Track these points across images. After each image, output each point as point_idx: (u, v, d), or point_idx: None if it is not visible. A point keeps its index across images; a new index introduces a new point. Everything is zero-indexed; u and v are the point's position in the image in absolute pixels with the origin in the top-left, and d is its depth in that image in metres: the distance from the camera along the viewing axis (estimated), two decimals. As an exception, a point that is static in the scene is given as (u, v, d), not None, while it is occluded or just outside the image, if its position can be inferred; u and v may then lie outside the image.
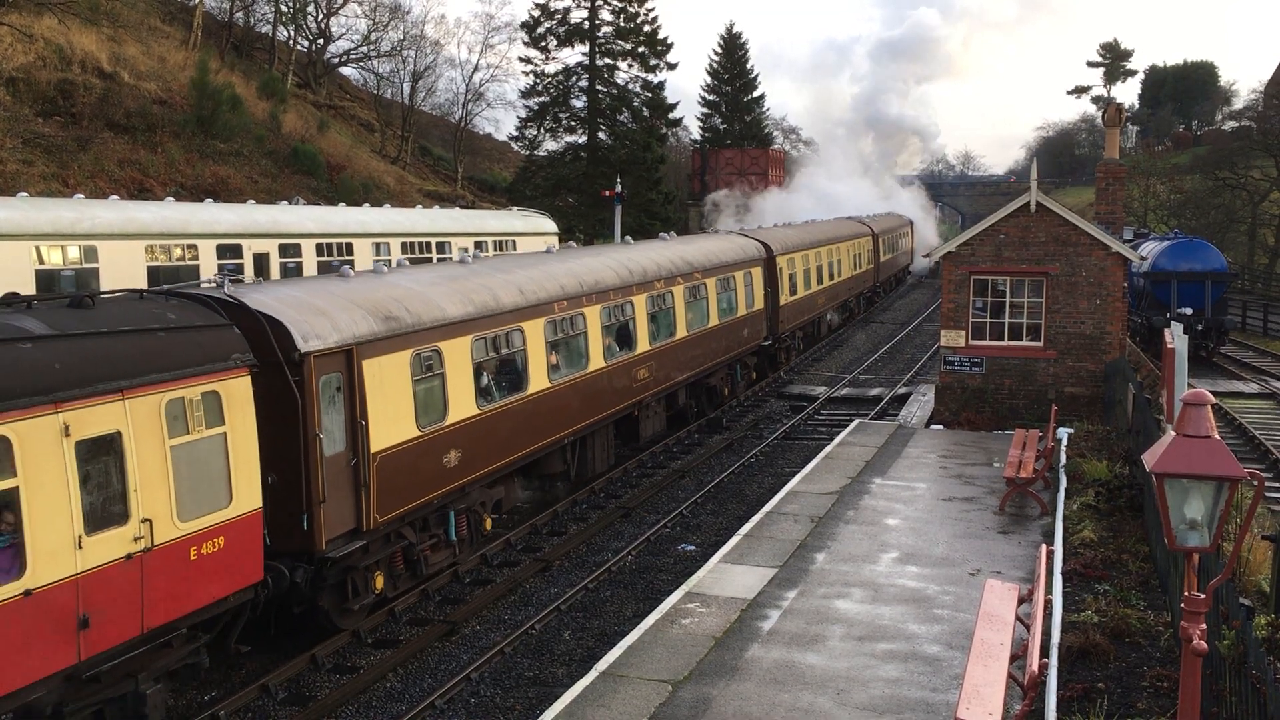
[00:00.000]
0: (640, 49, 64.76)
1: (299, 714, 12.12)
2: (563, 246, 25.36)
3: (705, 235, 32.77)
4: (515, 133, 67.79)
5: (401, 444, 14.05)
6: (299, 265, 26.08)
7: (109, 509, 9.90)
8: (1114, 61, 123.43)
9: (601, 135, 64.75)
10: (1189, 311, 32.48)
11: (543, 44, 64.34)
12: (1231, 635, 8.65)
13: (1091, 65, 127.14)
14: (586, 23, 63.88)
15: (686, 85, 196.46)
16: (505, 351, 16.89)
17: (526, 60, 64.75)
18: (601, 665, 11.65)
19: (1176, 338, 16.32)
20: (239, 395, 11.40)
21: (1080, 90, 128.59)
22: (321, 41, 66.79)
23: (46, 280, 19.61)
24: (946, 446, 22.25)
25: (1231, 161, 60.00)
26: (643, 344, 22.10)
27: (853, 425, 24.58)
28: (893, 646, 11.96)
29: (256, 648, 13.14)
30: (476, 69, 70.67)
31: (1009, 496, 17.53)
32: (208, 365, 11.04)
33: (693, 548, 17.86)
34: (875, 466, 20.44)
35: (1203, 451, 6.10)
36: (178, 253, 22.89)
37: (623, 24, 64.26)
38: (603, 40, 64.28)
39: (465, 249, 33.02)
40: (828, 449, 22.00)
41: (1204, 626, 6.40)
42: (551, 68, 64.85)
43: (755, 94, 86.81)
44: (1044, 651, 10.32)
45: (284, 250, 25.95)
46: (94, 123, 39.07)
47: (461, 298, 16.00)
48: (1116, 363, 22.74)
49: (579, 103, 64.97)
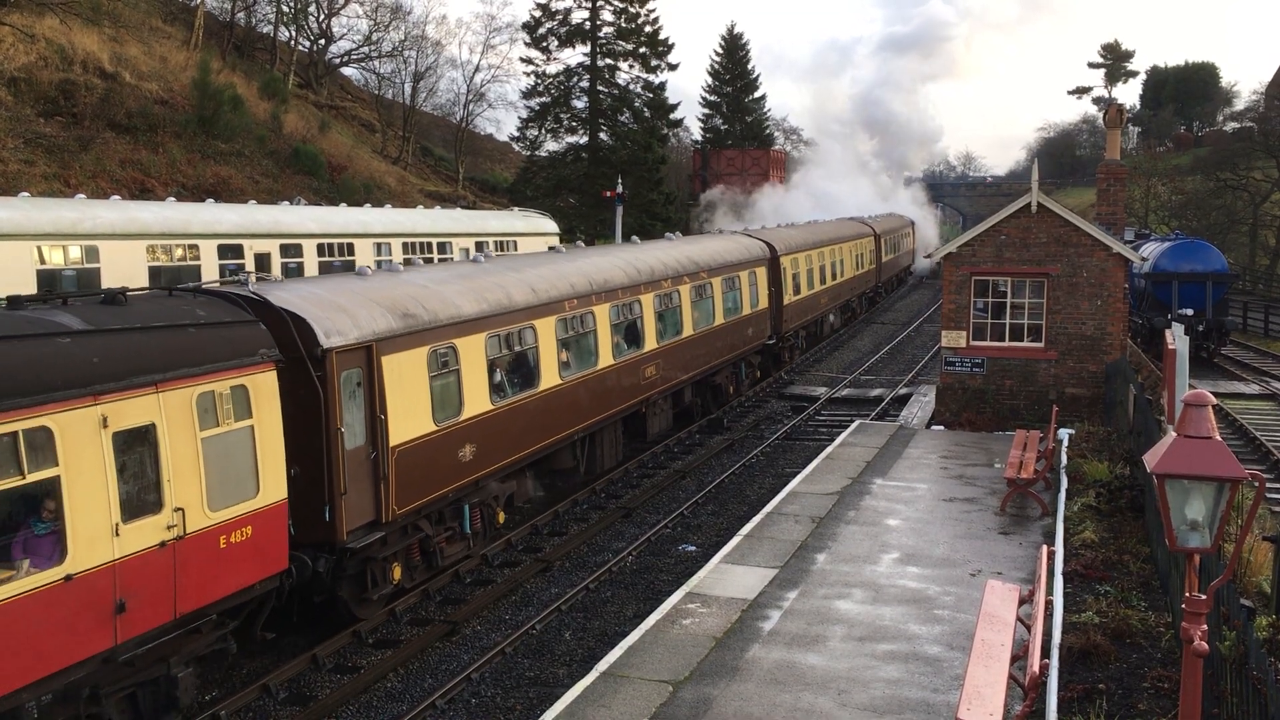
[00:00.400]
0: (641, 49, 64.75)
1: (300, 714, 12.12)
2: (570, 246, 25.52)
3: (710, 235, 33.01)
4: (516, 133, 67.85)
5: (419, 438, 14.35)
6: (300, 265, 26.09)
7: (144, 498, 10.23)
8: (1115, 62, 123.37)
9: (603, 136, 64.75)
10: (1190, 312, 32.46)
11: (544, 44, 64.36)
12: (1232, 636, 8.65)
13: (1092, 66, 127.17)
14: (588, 23, 63.89)
15: (687, 86, 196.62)
16: (518, 348, 17.22)
17: (528, 61, 64.76)
18: (602, 665, 11.65)
19: (1177, 339, 16.32)
20: (266, 389, 11.72)
21: (1081, 91, 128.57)
22: (323, 42, 66.86)
23: (48, 280, 19.62)
24: (947, 447, 22.25)
25: (1233, 162, 59.98)
26: (650, 342, 22.40)
27: (854, 426, 24.58)
28: (893, 647, 11.96)
29: (281, 635, 13.38)
30: (478, 69, 70.70)
31: (1010, 497, 17.52)
32: (236, 360, 11.36)
33: (693, 548, 17.86)
34: (876, 467, 20.44)
35: (1204, 452, 6.10)
36: (179, 253, 22.90)
37: (624, 24, 64.26)
38: (604, 41, 64.28)
39: (466, 249, 33.04)
40: (828, 449, 22.00)
41: (1205, 627, 6.40)
42: (553, 68, 64.91)
43: (756, 94, 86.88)
44: (1045, 652, 10.31)
45: (285, 250, 25.97)
46: (95, 123, 39.10)
47: (476, 296, 16.30)
48: (1117, 364, 22.73)
49: (580, 103, 64.99)
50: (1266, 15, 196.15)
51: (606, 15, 64.11)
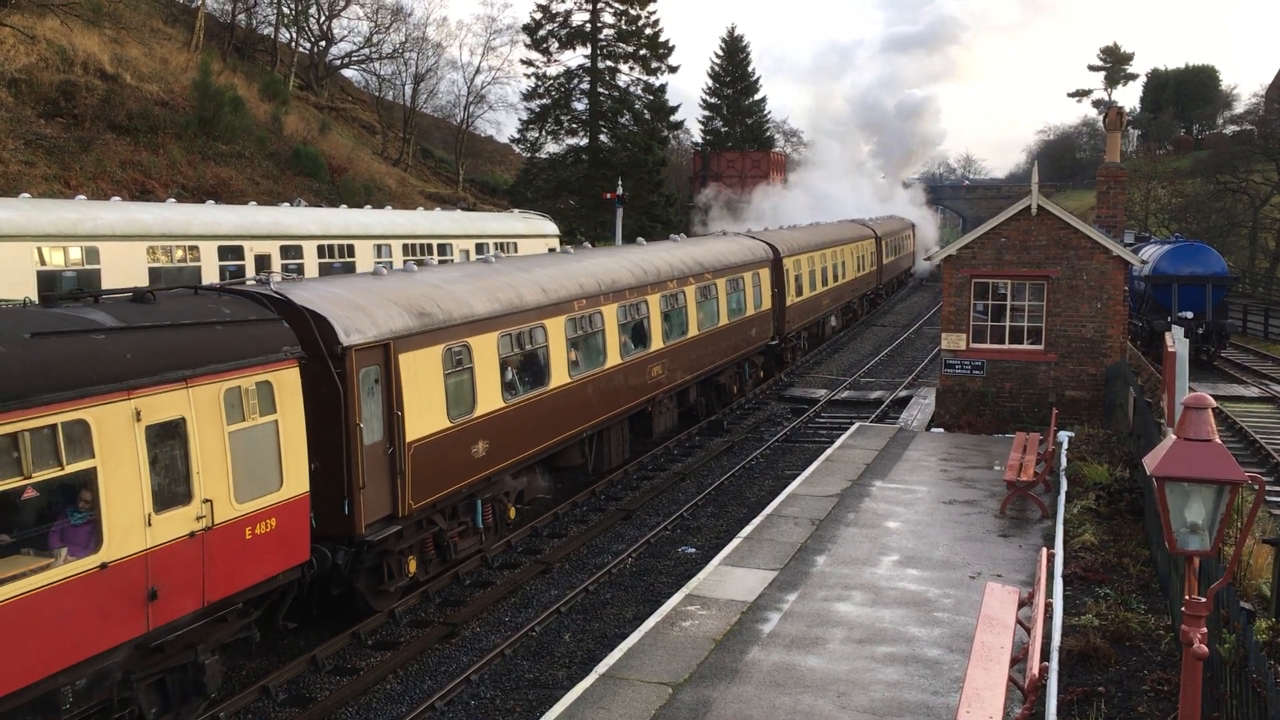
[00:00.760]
0: (642, 52, 64.79)
1: (299, 715, 12.12)
2: (578, 248, 25.74)
3: (714, 237, 33.27)
4: (517, 135, 67.85)
5: (434, 434, 14.65)
6: (300, 267, 26.10)
7: (174, 489, 10.55)
8: (1115, 65, 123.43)
9: (603, 138, 64.77)
10: (1190, 315, 32.47)
11: (544, 46, 64.41)
12: (1232, 639, 8.65)
13: (1092, 69, 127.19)
14: (588, 25, 63.93)
15: (688, 88, 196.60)
16: (529, 347, 17.57)
17: (528, 63, 64.82)
18: (601, 668, 11.64)
19: (1177, 341, 16.32)
20: (289, 385, 12.05)
21: (1081, 94, 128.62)
22: (323, 43, 66.89)
23: (48, 281, 19.62)
24: (947, 449, 22.25)
25: (1232, 165, 60.02)
26: (656, 342, 22.71)
27: (853, 428, 24.58)
28: (893, 649, 11.96)
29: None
30: (478, 71, 70.71)
31: (1009, 500, 17.52)
32: (261, 357, 11.68)
33: (693, 550, 17.86)
34: (876, 469, 20.44)
35: (1203, 455, 6.10)
36: (179, 254, 22.91)
37: (624, 27, 64.30)
38: (604, 43, 64.32)
39: (466, 251, 33.06)
40: (828, 452, 22.00)
41: (1204, 630, 6.40)
42: (553, 70, 64.97)
43: (756, 97, 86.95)
44: (1044, 655, 10.31)
45: (285, 252, 25.98)
46: (96, 124, 39.11)
47: (488, 295, 16.60)
48: (1117, 366, 22.73)
49: (580, 105, 65.03)
50: (1266, 18, 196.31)
51: (607, 17, 64.18)
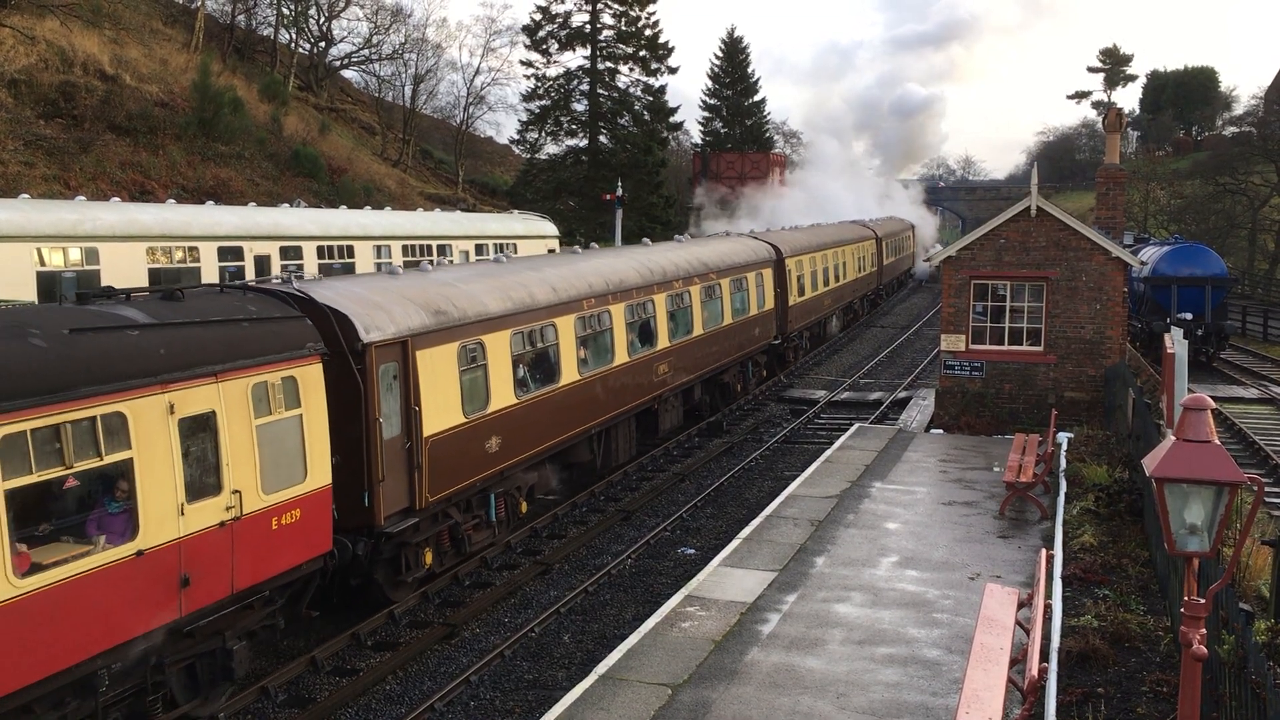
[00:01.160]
0: (641, 53, 64.81)
1: (298, 716, 12.12)
2: (586, 248, 26.11)
3: (718, 238, 33.62)
4: (516, 136, 67.86)
5: (450, 429, 15.02)
6: (300, 268, 26.10)
7: (205, 480, 10.92)
8: (1114, 66, 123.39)
9: (602, 139, 64.78)
10: (1189, 316, 32.48)
11: (544, 47, 64.42)
12: (1231, 640, 8.65)
13: (1092, 70, 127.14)
14: (588, 26, 63.95)
15: (688, 89, 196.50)
16: (540, 345, 17.94)
17: (528, 64, 64.86)
18: (601, 668, 11.64)
19: (1176, 343, 16.31)
20: (312, 381, 12.41)
21: (1081, 95, 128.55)
22: (323, 44, 66.90)
23: (48, 282, 19.63)
24: (946, 451, 22.25)
25: (1232, 167, 60.02)
26: (663, 341, 23.02)
27: (853, 429, 24.58)
28: (892, 650, 11.96)
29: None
30: (478, 72, 70.76)
31: (1009, 501, 17.52)
32: (286, 353, 12.06)
33: (692, 551, 17.86)
34: (875, 470, 20.44)
35: (1203, 456, 6.11)
36: (179, 255, 22.91)
37: (624, 28, 64.32)
38: (604, 44, 64.33)
39: (465, 252, 33.07)
40: (828, 453, 21.99)
41: (1204, 631, 6.40)
42: (553, 71, 64.98)
43: (756, 98, 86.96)
44: (1044, 656, 10.32)
45: (285, 253, 25.98)
46: (96, 125, 39.11)
47: (501, 294, 16.96)
48: (1116, 367, 22.74)
49: (580, 106, 65.04)
50: (1266, 19, 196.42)
51: (607, 18, 64.21)
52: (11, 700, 9.00)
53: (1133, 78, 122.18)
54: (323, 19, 65.15)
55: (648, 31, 64.87)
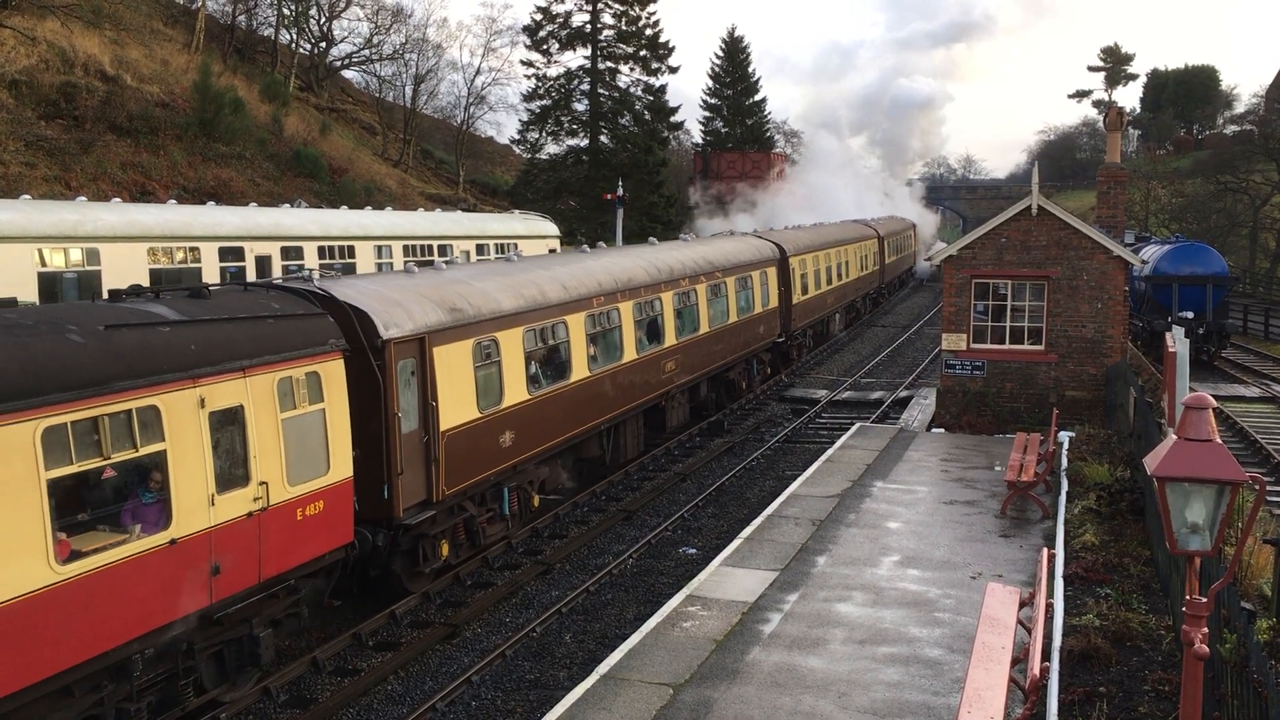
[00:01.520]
0: (642, 52, 64.77)
1: (300, 716, 12.12)
2: (594, 247, 26.43)
3: (723, 237, 34.08)
4: (517, 136, 67.82)
5: (465, 424, 15.38)
6: (301, 268, 26.09)
7: (234, 472, 11.25)
8: (1115, 65, 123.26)
9: (603, 139, 64.74)
10: (1190, 315, 32.47)
11: (544, 47, 64.39)
12: (1233, 639, 8.65)
13: (1093, 69, 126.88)
14: (588, 26, 63.91)
15: (688, 88, 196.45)
16: (551, 342, 18.28)
17: (528, 63, 64.79)
18: (602, 668, 11.64)
19: (1178, 341, 16.31)
20: (335, 376, 12.77)
21: (1081, 94, 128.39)
22: (324, 45, 66.87)
23: (49, 283, 19.64)
24: (948, 450, 22.24)
25: (1233, 165, 60.00)
26: (670, 338, 23.37)
27: (854, 429, 24.58)
28: (894, 650, 11.96)
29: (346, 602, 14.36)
30: (478, 72, 70.70)
31: (1010, 500, 17.52)
32: (309, 349, 12.41)
33: (694, 551, 17.86)
34: (876, 470, 20.44)
35: (1204, 455, 6.10)
36: (180, 255, 22.92)
37: (624, 27, 64.28)
38: (604, 43, 64.30)
39: (466, 252, 33.07)
40: (829, 452, 21.99)
41: (1205, 630, 6.39)
42: (553, 71, 64.93)
43: (757, 97, 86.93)
44: (1045, 655, 10.32)
45: (286, 253, 25.99)
46: (96, 125, 39.11)
47: (514, 292, 17.30)
48: (1118, 366, 22.72)
49: (581, 106, 65.00)
50: (1266, 18, 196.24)
51: (607, 18, 64.17)
52: (53, 683, 9.36)
53: (1134, 76, 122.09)
54: (323, 19, 65.19)
55: (648, 31, 64.84)
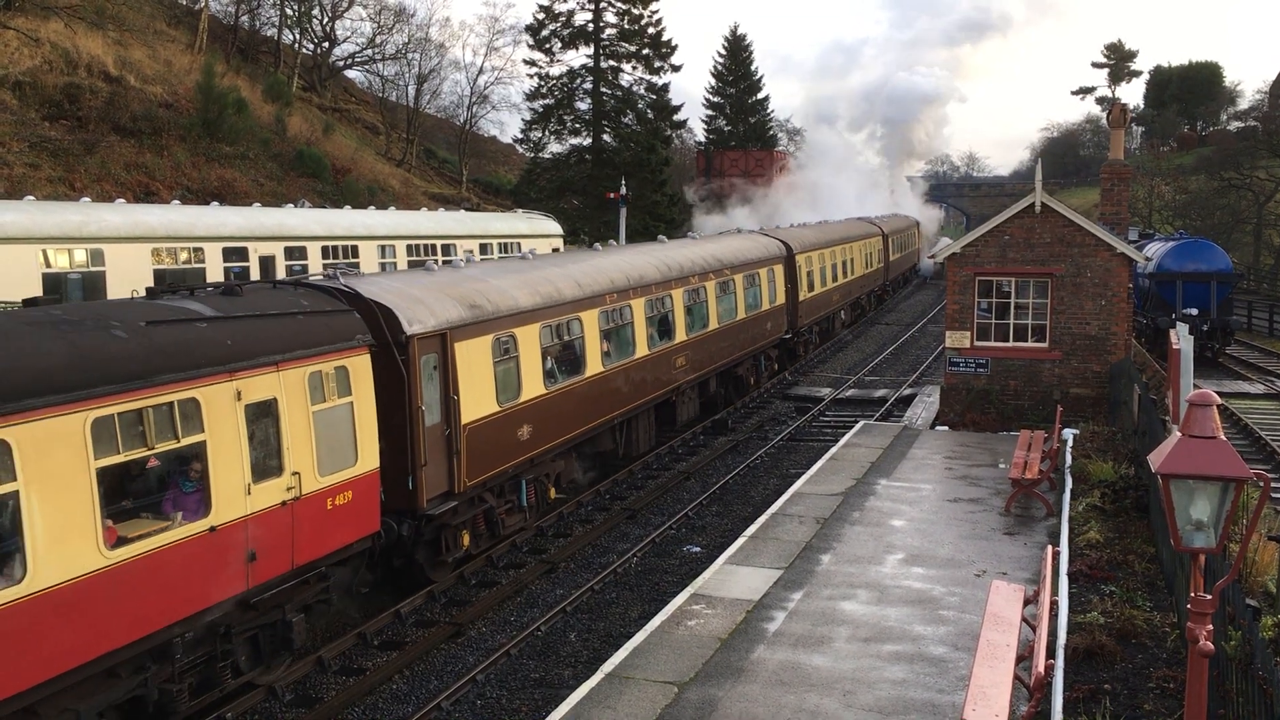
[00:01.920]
0: (644, 51, 64.71)
1: (305, 715, 12.14)
2: (605, 245, 26.81)
3: (730, 234, 34.51)
4: (520, 135, 67.79)
5: (485, 418, 15.79)
6: (304, 268, 26.13)
7: (268, 463, 11.65)
8: (1118, 62, 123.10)
9: (606, 137, 64.70)
10: (1194, 312, 32.42)
11: (547, 46, 64.32)
12: (1238, 636, 8.64)
13: (1096, 66, 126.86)
14: (591, 25, 63.86)
15: (691, 87, 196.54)
16: (566, 338, 18.70)
17: (531, 63, 64.71)
18: (607, 667, 11.65)
19: (1182, 338, 16.30)
20: (362, 370, 13.17)
21: (1085, 91, 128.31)
22: (327, 45, 66.92)
23: (53, 283, 19.67)
24: (952, 448, 22.23)
25: (1237, 162, 59.89)
26: (680, 335, 23.71)
27: (858, 427, 24.57)
28: (898, 648, 11.96)
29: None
30: (481, 72, 70.68)
31: (1014, 498, 17.51)
32: (338, 344, 12.83)
33: (698, 549, 17.87)
34: (881, 468, 20.43)
35: (1208, 452, 6.10)
36: (184, 255, 22.96)
37: (627, 26, 64.21)
38: (607, 42, 64.25)
39: (470, 251, 33.08)
40: (833, 450, 21.99)
41: (1210, 627, 6.39)
42: (556, 70, 64.86)
43: (760, 96, 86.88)
44: (1050, 653, 10.30)
45: (290, 253, 26.01)
46: (100, 126, 39.18)
47: (530, 289, 17.72)
48: (1122, 364, 22.70)
49: (583, 105, 64.94)
50: (1270, 14, 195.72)
51: (609, 17, 64.12)
52: (102, 663, 9.75)
53: (1137, 73, 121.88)
54: (326, 19, 65.24)
55: (650, 30, 64.78)
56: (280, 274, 25.07)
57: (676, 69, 66.79)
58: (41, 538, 9.09)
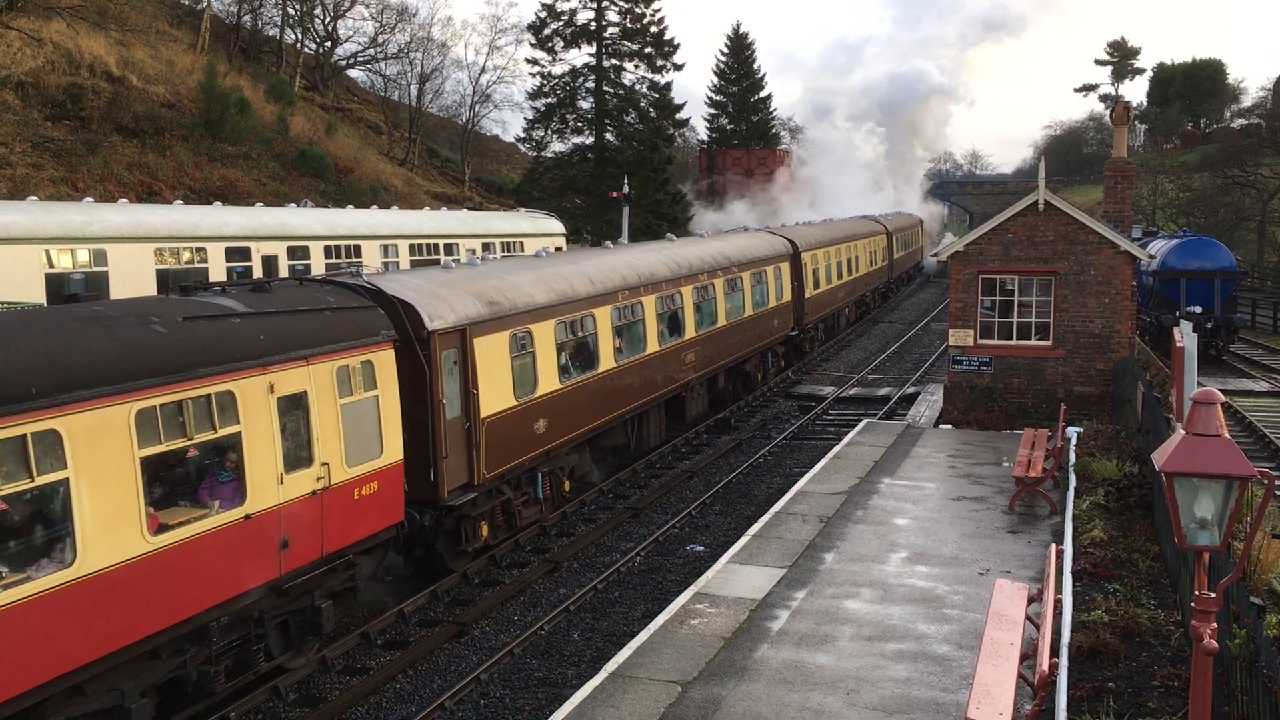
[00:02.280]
0: (647, 50, 64.69)
1: (309, 715, 12.15)
2: (616, 243, 26.91)
3: (737, 232, 34.80)
4: (522, 134, 67.84)
5: (503, 411, 16.15)
6: (307, 267, 26.14)
7: (299, 453, 12.03)
8: (1122, 60, 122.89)
9: (608, 136, 64.69)
10: (1198, 310, 32.38)
11: (549, 45, 64.32)
12: (1242, 634, 8.63)
13: (1099, 63, 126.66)
14: (593, 24, 63.86)
15: (693, 85, 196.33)
16: (580, 334, 19.05)
17: (533, 62, 64.73)
18: (611, 666, 11.64)
19: (1186, 336, 16.29)
20: (386, 364, 13.54)
21: (1088, 88, 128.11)
22: (329, 44, 66.95)
23: (56, 283, 19.69)
24: (955, 446, 22.20)
25: (1240, 159, 59.84)
26: (689, 331, 24.03)
27: (861, 425, 24.54)
28: (902, 646, 11.94)
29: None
30: (483, 71, 70.85)
31: (1018, 496, 17.49)
32: (363, 339, 13.19)
33: (701, 548, 17.86)
34: (884, 466, 20.41)
35: (1212, 450, 6.09)
36: (186, 255, 22.97)
37: (629, 25, 64.20)
38: (609, 41, 64.24)
39: (472, 251, 33.09)
40: (836, 449, 21.96)
41: (1215, 625, 6.38)
42: (558, 69, 64.86)
43: (762, 94, 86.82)
44: (1054, 651, 10.29)
45: (292, 253, 26.02)
46: (103, 126, 39.22)
47: (545, 286, 18.07)
48: (1125, 361, 22.67)
49: (586, 104, 64.95)
50: (1273, 11, 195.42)
51: (612, 15, 64.11)
52: (145, 644, 10.17)
53: (1140, 71, 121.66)
54: (328, 19, 65.26)
55: (653, 28, 64.75)
56: (283, 274, 25.08)
57: (679, 68, 66.83)
58: (90, 523, 9.44)
